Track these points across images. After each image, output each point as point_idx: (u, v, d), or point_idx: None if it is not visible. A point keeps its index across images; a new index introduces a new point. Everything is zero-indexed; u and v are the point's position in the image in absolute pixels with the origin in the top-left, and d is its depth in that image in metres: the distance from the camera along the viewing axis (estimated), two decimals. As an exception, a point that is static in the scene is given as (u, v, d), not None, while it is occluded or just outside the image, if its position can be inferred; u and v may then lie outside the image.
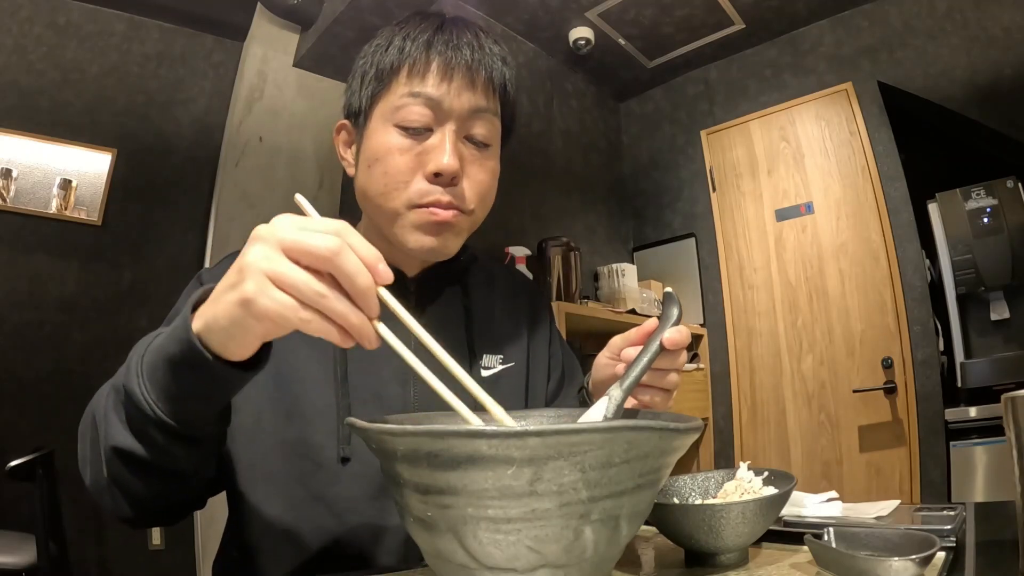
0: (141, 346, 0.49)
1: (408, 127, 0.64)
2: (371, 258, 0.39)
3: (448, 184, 0.64)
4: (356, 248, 0.39)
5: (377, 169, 0.65)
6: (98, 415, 0.52)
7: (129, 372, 0.47)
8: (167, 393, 0.45)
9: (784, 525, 0.60)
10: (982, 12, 2.24)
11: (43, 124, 2.26)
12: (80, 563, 2.04)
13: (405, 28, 0.67)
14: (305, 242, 0.38)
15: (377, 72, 0.66)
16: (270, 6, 2.59)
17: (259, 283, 0.38)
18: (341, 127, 0.74)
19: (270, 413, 0.64)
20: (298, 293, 0.38)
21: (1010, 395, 0.46)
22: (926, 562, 0.42)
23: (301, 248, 0.38)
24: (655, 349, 0.53)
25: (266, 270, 0.38)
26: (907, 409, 2.26)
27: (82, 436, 0.56)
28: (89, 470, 0.54)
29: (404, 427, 0.34)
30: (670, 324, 0.54)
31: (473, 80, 0.65)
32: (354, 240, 0.39)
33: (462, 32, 0.66)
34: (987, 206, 2.18)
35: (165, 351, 0.44)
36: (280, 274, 0.38)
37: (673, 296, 0.57)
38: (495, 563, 0.35)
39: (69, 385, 2.18)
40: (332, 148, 0.77)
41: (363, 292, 0.39)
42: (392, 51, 0.65)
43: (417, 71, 0.64)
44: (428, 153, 0.64)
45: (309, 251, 0.38)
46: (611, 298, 2.56)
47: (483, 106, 0.65)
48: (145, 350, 0.47)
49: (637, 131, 3.24)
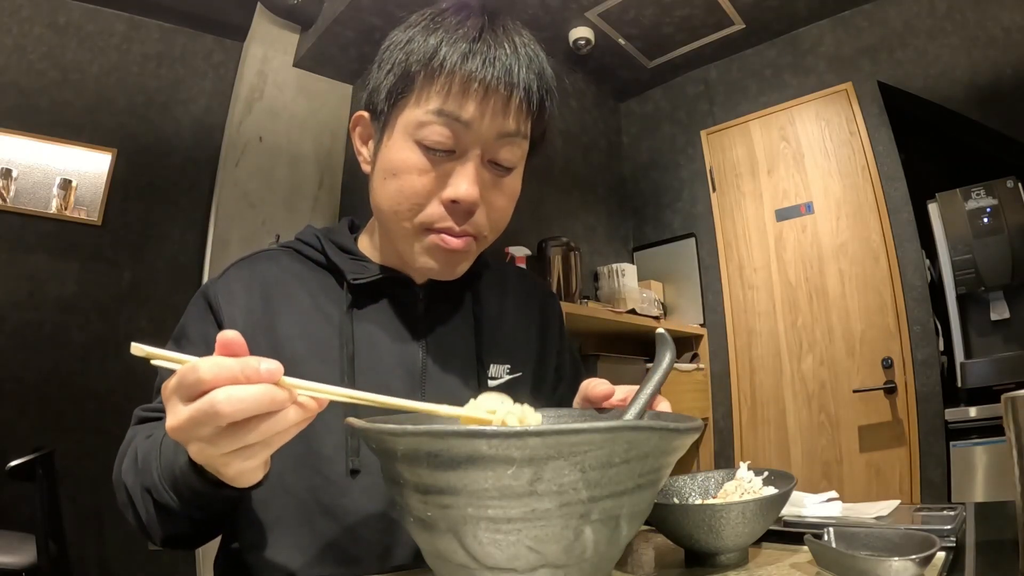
0: (155, 452, 0.53)
1: (430, 147, 0.60)
2: (236, 375, 0.37)
3: (465, 211, 0.61)
4: (218, 379, 0.37)
5: (393, 184, 0.62)
6: (134, 496, 0.56)
7: (154, 481, 0.52)
8: (191, 503, 0.51)
9: (784, 525, 0.60)
10: (982, 12, 2.24)
11: (43, 124, 2.27)
12: (80, 563, 2.04)
13: (441, 26, 0.60)
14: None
15: (405, 72, 0.60)
16: (270, 6, 2.59)
17: (207, 462, 0.41)
18: (358, 120, 0.69)
19: None
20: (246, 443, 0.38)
21: (1010, 395, 0.46)
22: (926, 562, 0.42)
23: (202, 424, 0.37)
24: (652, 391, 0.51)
25: (205, 458, 0.41)
26: (907, 409, 2.26)
27: (118, 490, 0.59)
28: (132, 514, 0.58)
29: (404, 427, 0.34)
30: (661, 370, 0.51)
31: (507, 103, 0.60)
32: (207, 376, 0.37)
33: (502, 42, 0.60)
34: (987, 206, 2.18)
35: (180, 481, 0.49)
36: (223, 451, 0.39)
37: (666, 338, 0.52)
38: (495, 563, 0.35)
39: (69, 385, 2.18)
40: (332, 148, 0.76)
41: (262, 406, 0.37)
42: (424, 52, 0.59)
43: (449, 89, 0.58)
44: (448, 177, 0.60)
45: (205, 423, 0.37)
46: (611, 298, 2.56)
47: (513, 131, 0.61)
48: (160, 464, 0.52)
49: (637, 131, 3.24)
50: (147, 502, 0.54)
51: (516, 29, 0.64)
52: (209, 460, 0.40)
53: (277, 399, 0.37)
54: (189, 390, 0.37)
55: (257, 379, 0.37)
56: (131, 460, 0.57)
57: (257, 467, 0.42)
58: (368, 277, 0.68)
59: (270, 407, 0.37)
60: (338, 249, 0.71)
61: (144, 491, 0.54)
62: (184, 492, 0.49)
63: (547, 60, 0.65)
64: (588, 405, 0.57)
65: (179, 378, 0.37)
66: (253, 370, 0.37)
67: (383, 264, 0.71)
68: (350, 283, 0.68)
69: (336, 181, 2.73)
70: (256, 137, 2.54)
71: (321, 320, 0.67)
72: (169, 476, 0.50)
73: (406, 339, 0.69)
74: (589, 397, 0.57)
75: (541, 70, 0.63)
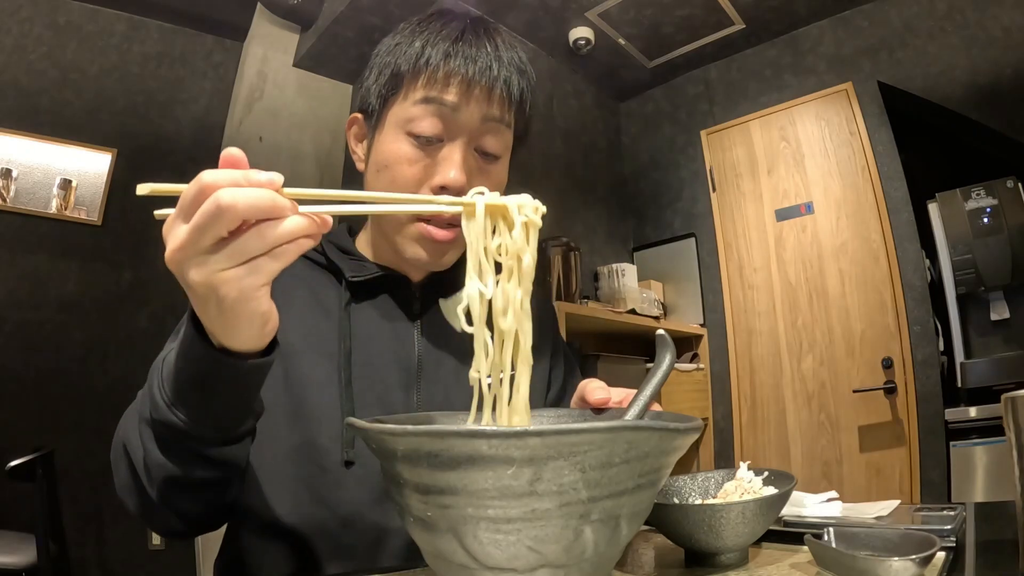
0: (156, 372, 0.48)
1: (419, 136, 0.64)
2: (238, 179, 0.36)
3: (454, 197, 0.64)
4: (219, 182, 0.36)
5: (384, 176, 0.65)
6: (130, 444, 0.52)
7: (155, 400, 0.47)
8: (201, 410, 0.46)
9: (784, 525, 0.60)
10: (982, 12, 2.24)
11: (43, 124, 2.27)
12: (80, 563, 2.04)
13: (427, 30, 0.66)
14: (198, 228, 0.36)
15: (393, 73, 0.66)
16: (270, 6, 2.59)
17: (210, 289, 0.37)
18: (353, 121, 0.74)
19: (275, 415, 0.63)
20: (235, 262, 0.37)
21: (1010, 395, 0.46)
22: (926, 562, 0.42)
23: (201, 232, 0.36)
24: (652, 392, 0.51)
25: (207, 278, 0.37)
26: (907, 409, 2.26)
27: (115, 464, 0.55)
28: (135, 497, 0.54)
29: (404, 427, 0.34)
30: (661, 371, 0.51)
31: (489, 93, 0.64)
32: (208, 179, 0.36)
33: (482, 42, 0.65)
34: (987, 206, 2.18)
35: (187, 371, 0.44)
36: (215, 269, 0.37)
37: (666, 339, 0.52)
38: (495, 563, 0.35)
39: (69, 385, 2.18)
40: (332, 148, 0.77)
41: (270, 209, 0.36)
42: (411, 54, 0.65)
43: (434, 81, 0.63)
44: (436, 165, 0.64)
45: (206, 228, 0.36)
46: (611, 298, 2.56)
47: (496, 118, 0.65)
48: (162, 376, 0.47)
49: (637, 131, 3.24)
50: (147, 440, 0.49)
51: (497, 32, 0.68)
52: (212, 285, 0.37)
53: (279, 203, 0.37)
54: (191, 203, 0.36)
55: (258, 184, 0.36)
56: (131, 413, 0.54)
57: (260, 293, 0.39)
58: (366, 275, 0.70)
59: (271, 211, 0.36)
60: (337, 249, 0.73)
61: (143, 426, 0.49)
62: (188, 394, 0.45)
63: (528, 61, 0.69)
64: (585, 406, 0.57)
65: (181, 199, 0.37)
66: (255, 175, 0.37)
67: (379, 263, 0.73)
68: (348, 280, 0.70)
69: (336, 181, 2.73)
70: (256, 137, 2.54)
71: (320, 315, 0.69)
72: (172, 378, 0.46)
73: (402, 335, 0.71)
74: (586, 399, 0.57)
75: (521, 66, 0.68)
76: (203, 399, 0.45)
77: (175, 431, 0.46)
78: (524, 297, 0.45)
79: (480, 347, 0.44)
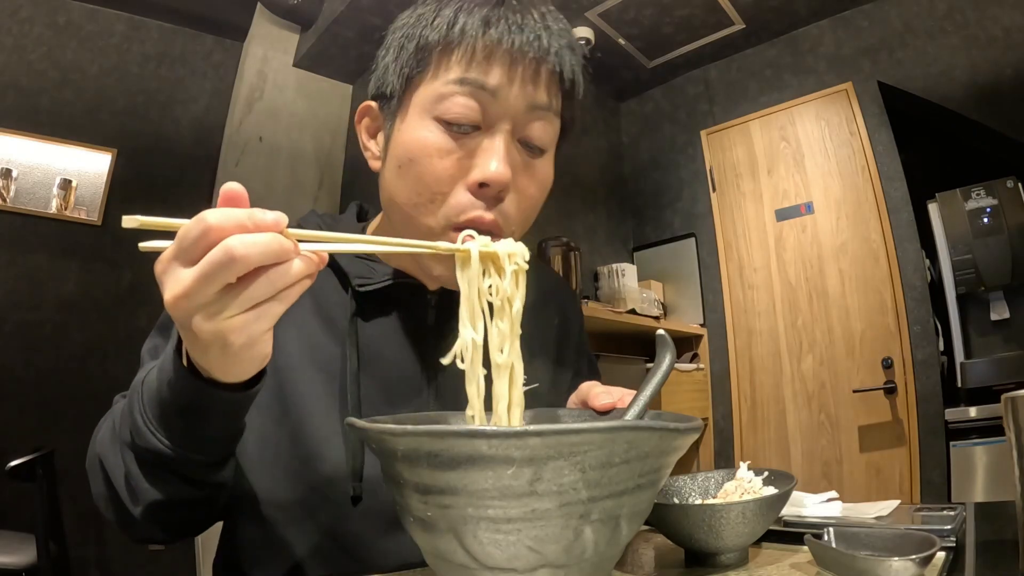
0: (135, 394, 0.46)
1: (452, 122, 0.53)
2: (243, 221, 0.34)
3: (494, 197, 0.54)
4: (224, 226, 0.33)
5: (410, 173, 0.54)
6: (108, 462, 0.49)
7: (137, 426, 0.45)
8: (187, 437, 0.44)
9: (784, 525, 0.60)
10: (982, 12, 2.24)
11: (43, 124, 2.27)
12: (80, 563, 2.04)
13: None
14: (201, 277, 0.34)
15: (419, 48, 0.54)
16: (270, 6, 2.59)
17: (217, 336, 0.35)
18: (364, 111, 0.63)
19: (273, 434, 0.58)
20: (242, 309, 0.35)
21: (1010, 395, 0.46)
22: (926, 562, 0.42)
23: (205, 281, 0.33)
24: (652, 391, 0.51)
25: (216, 326, 0.35)
26: (907, 409, 2.26)
27: (91, 474, 0.53)
28: (112, 509, 0.52)
29: (404, 427, 0.34)
30: (661, 371, 0.50)
31: (537, 71, 0.53)
32: (213, 221, 0.33)
33: (528, 8, 0.54)
34: (987, 206, 2.18)
35: (173, 401, 0.42)
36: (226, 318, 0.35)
37: (667, 340, 0.50)
38: (495, 563, 0.35)
39: (69, 385, 2.18)
40: (332, 148, 0.74)
41: (276, 254, 0.34)
42: (440, 24, 0.53)
43: (470, 54, 0.52)
44: (474, 158, 0.53)
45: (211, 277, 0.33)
46: (611, 298, 2.56)
47: (545, 103, 0.55)
48: (143, 401, 0.45)
49: (637, 131, 3.24)
50: (129, 463, 0.46)
51: (541, 2, 0.57)
52: (220, 332, 0.35)
53: (285, 247, 0.34)
54: (193, 246, 0.33)
55: (264, 227, 0.34)
56: (107, 428, 0.51)
57: (266, 336, 0.37)
58: (375, 284, 0.61)
59: (278, 256, 0.34)
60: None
61: (124, 449, 0.47)
62: (174, 421, 0.43)
63: (575, 38, 0.59)
64: (584, 406, 0.55)
65: (179, 239, 0.34)
66: (260, 216, 0.34)
67: (391, 263, 0.63)
68: (355, 289, 0.61)
69: (336, 181, 2.73)
70: (256, 137, 2.54)
71: (321, 325, 0.61)
72: (156, 404, 0.43)
73: (414, 351, 0.63)
74: (590, 405, 0.54)
75: (572, 43, 0.57)
76: (189, 427, 0.43)
77: (159, 456, 0.44)
78: (514, 339, 0.45)
79: (473, 390, 0.43)
